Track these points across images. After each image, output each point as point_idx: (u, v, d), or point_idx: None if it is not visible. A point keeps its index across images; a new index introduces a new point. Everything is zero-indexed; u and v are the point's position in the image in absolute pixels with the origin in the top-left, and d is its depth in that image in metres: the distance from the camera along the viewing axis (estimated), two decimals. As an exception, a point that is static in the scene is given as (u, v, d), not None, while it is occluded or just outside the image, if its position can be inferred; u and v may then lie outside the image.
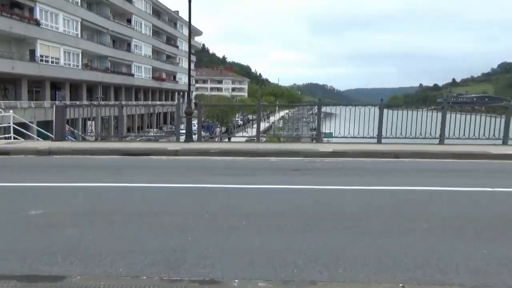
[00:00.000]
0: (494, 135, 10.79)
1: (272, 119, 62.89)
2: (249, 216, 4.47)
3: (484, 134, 10.72)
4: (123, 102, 31.83)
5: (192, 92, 67.83)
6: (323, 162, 8.50)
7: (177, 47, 65.88)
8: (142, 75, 53.27)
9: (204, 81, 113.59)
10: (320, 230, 4.05)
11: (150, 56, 55.53)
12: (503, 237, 3.89)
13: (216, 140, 17.57)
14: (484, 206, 5.09)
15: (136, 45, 51.32)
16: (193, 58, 71.03)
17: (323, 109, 12.68)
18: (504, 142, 10.68)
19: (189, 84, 12.48)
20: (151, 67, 55.63)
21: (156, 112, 52.54)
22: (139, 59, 52.04)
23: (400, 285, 2.80)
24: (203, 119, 28.31)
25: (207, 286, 2.83)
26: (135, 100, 50.99)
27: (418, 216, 4.54)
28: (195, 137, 11.92)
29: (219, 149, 9.53)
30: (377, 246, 3.64)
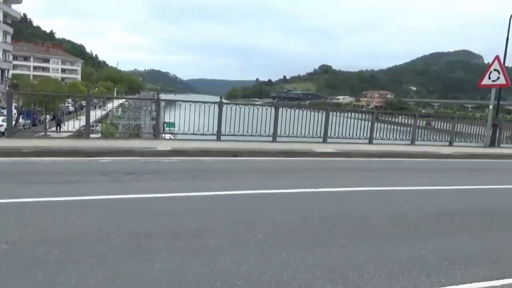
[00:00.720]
0: (317, 133, 12.15)
1: (109, 106, 58.09)
2: (64, 242, 3.68)
3: (309, 133, 11.95)
4: None
5: (7, 70, 57.26)
6: (160, 163, 7.99)
7: (-13, 14, 54.25)
8: None
9: (26, 58, 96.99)
10: (151, 252, 3.60)
11: None
12: (328, 243, 4.15)
13: (42, 133, 14.80)
14: (310, 208, 5.45)
15: None
16: (10, 29, 59.56)
17: (165, 96, 12.08)
18: (324, 140, 12.14)
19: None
20: None
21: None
22: None
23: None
24: (20, 104, 23.86)
25: None
26: None
27: (252, 224, 4.53)
28: (3, 128, 9.80)
29: (35, 148, 7.99)
30: (211, 267, 3.41)
